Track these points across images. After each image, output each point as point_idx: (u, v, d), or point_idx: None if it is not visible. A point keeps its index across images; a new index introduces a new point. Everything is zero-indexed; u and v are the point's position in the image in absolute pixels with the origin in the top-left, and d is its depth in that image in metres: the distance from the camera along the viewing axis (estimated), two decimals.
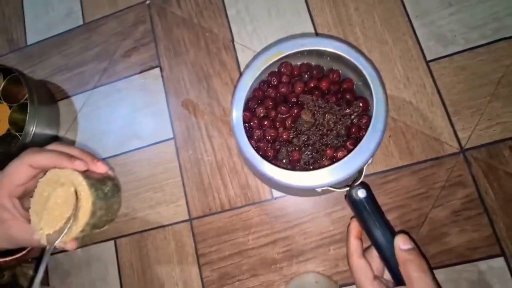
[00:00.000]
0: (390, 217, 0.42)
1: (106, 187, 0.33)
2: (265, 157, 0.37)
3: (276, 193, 0.45)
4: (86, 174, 0.32)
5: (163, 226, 0.48)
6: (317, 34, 0.48)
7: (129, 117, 0.52)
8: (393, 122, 0.44)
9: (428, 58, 0.44)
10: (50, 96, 0.56)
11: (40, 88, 0.55)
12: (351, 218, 0.40)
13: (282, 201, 0.45)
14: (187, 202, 0.48)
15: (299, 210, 0.44)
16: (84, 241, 0.50)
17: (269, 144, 0.39)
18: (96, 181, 0.33)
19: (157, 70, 0.53)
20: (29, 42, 0.59)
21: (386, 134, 0.44)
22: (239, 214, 0.46)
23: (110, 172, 0.35)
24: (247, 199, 0.46)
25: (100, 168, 0.34)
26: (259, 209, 0.45)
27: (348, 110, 0.37)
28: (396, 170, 0.43)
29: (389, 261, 0.33)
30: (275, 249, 0.44)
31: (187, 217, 0.47)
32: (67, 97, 0.55)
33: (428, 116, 0.43)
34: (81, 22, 0.58)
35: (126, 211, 0.49)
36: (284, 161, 0.38)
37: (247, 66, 0.40)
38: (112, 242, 0.49)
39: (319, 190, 0.35)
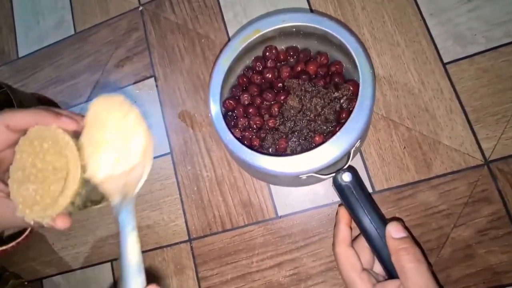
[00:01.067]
0: None
1: None
2: (251, 146, 0.35)
3: (281, 212, 0.42)
4: (75, 135, 0.26)
5: (162, 247, 0.45)
6: None
7: None
8: (408, 132, 0.40)
9: (445, 60, 0.40)
10: None
11: (32, 103, 0.52)
12: (339, 205, 0.38)
13: (287, 219, 0.42)
14: (186, 221, 0.45)
15: (306, 230, 0.41)
16: (81, 263, 0.47)
17: (255, 133, 0.37)
18: None
19: (152, 80, 0.50)
20: (20, 54, 0.57)
21: (400, 145, 0.40)
22: (242, 234, 0.42)
23: None
24: (249, 217, 0.43)
25: None
26: (263, 228, 0.42)
27: (336, 94, 0.35)
28: (413, 185, 0.39)
29: (380, 251, 0.31)
30: (281, 272, 0.41)
31: (186, 238, 0.44)
32: None
33: (447, 124, 0.39)
34: (72, 32, 0.55)
35: None
36: (270, 150, 0.36)
37: (224, 47, 0.37)
38: (108, 264, 0.46)
39: (304, 177, 0.32)
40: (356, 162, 0.40)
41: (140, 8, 0.53)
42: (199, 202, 0.45)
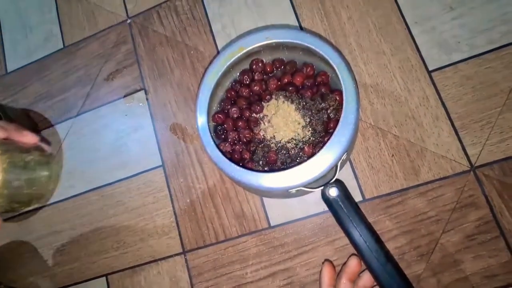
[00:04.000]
0: (397, 243, 0.39)
1: (29, 156, 0.30)
2: (241, 160, 0.36)
3: (274, 222, 0.42)
4: (2, 141, 0.29)
5: (156, 261, 0.45)
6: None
7: (115, 144, 0.49)
8: (395, 140, 0.40)
9: (430, 68, 0.41)
10: (33, 126, 0.53)
11: (22, 119, 0.52)
12: (323, 262, 0.39)
13: (280, 229, 0.42)
14: (180, 234, 0.45)
15: (298, 239, 0.41)
16: (75, 279, 0.47)
17: (245, 146, 0.37)
18: (16, 148, 0.30)
19: (142, 93, 0.50)
20: (9, 70, 0.57)
21: (389, 153, 0.40)
22: (235, 245, 0.43)
23: (45, 147, 0.33)
24: (242, 228, 0.43)
25: (27, 138, 0.31)
26: (256, 239, 0.42)
27: (323, 104, 0.36)
28: (401, 192, 0.39)
29: (370, 263, 0.31)
30: (275, 282, 0.41)
31: (180, 250, 0.44)
32: (50, 126, 0.53)
33: (433, 131, 0.40)
34: (61, 46, 0.55)
35: (117, 245, 0.47)
36: (261, 162, 0.36)
37: (209, 64, 0.38)
38: (103, 278, 0.46)
39: (293, 191, 0.33)
40: (346, 170, 0.41)
41: (128, 21, 0.53)
42: (192, 215, 0.45)
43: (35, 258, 0.49)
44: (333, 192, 0.32)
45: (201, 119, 0.35)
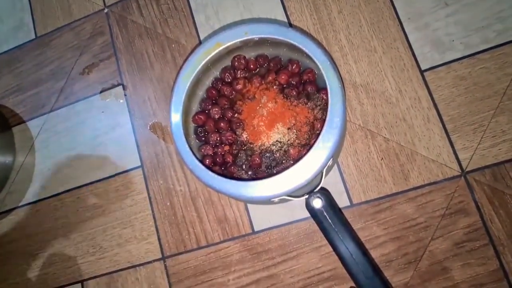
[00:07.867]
0: (384, 250, 0.37)
1: None
2: (224, 163, 0.34)
3: (258, 227, 0.41)
4: None
5: (134, 266, 0.43)
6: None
7: (91, 143, 0.47)
8: (385, 143, 0.39)
9: (423, 67, 0.39)
10: (3, 122, 0.50)
11: None
12: None
13: (264, 235, 0.40)
14: (159, 239, 0.43)
15: (283, 245, 0.40)
16: (48, 285, 0.45)
17: (228, 149, 0.35)
18: None
19: (120, 88, 0.47)
20: None
21: (378, 156, 0.39)
22: (217, 251, 0.41)
23: None
24: (225, 233, 0.41)
25: None
26: (239, 244, 0.41)
27: (309, 104, 0.34)
28: (390, 198, 0.38)
29: (356, 275, 0.30)
30: None
31: (160, 256, 0.42)
32: (22, 122, 0.49)
33: (425, 134, 0.38)
34: (33, 36, 0.51)
35: (93, 250, 0.44)
36: (244, 166, 0.34)
37: (184, 62, 0.35)
38: (79, 285, 0.44)
39: (276, 200, 0.32)
40: (333, 174, 0.39)
41: (106, 10, 0.49)
42: (172, 218, 0.43)
43: (7, 263, 0.46)
44: (317, 203, 0.30)
45: (175, 117, 0.32)
